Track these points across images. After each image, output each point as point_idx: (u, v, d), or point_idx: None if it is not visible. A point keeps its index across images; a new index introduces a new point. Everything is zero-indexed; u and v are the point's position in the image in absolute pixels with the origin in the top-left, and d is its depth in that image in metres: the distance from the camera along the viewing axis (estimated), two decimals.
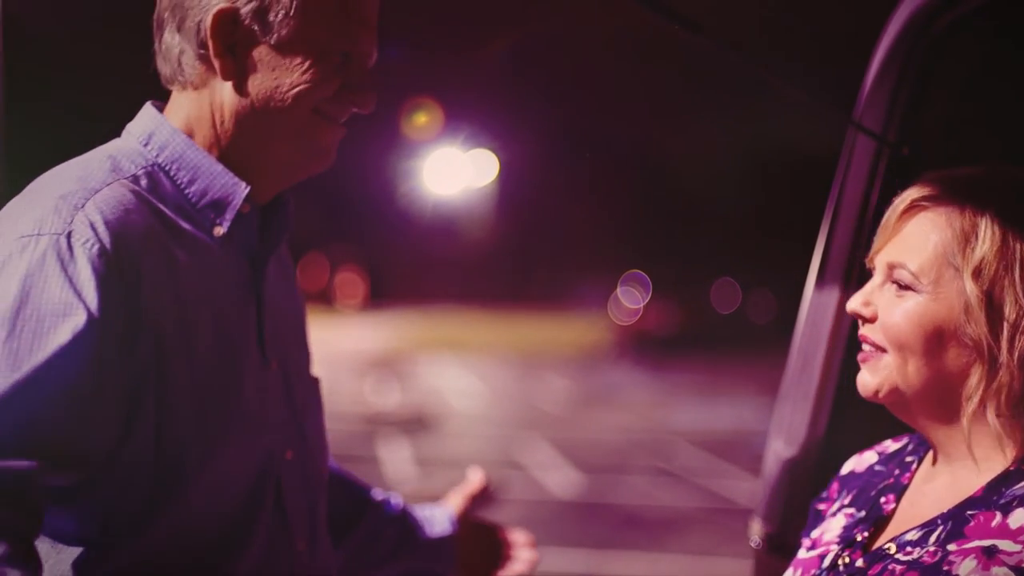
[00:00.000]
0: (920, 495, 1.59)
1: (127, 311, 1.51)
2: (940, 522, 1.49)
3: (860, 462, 1.77)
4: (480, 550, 2.16)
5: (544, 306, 38.38)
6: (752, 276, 32.36)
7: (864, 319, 1.57)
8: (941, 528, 1.48)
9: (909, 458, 1.68)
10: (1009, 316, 1.47)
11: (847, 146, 2.26)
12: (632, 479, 11.40)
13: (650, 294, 31.13)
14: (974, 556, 1.43)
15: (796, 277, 2.52)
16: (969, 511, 1.48)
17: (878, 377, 1.54)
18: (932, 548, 1.47)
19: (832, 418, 2.20)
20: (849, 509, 1.68)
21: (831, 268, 2.25)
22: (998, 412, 1.48)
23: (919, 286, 1.51)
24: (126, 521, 1.55)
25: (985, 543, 1.43)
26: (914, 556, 1.47)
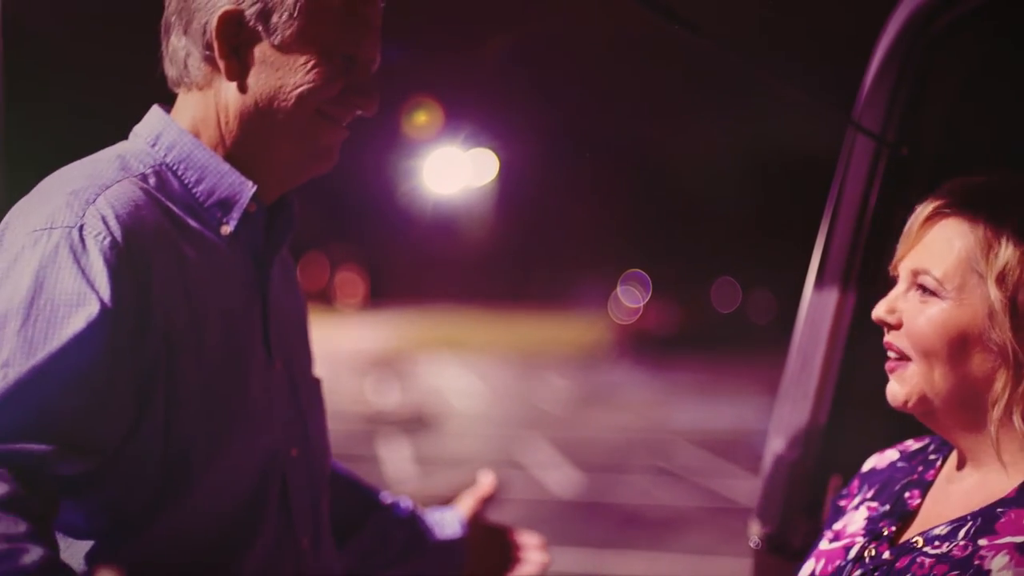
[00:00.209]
0: (945, 494, 1.60)
1: (139, 303, 1.52)
2: (970, 519, 1.50)
3: (881, 459, 1.78)
4: (490, 553, 2.17)
5: (544, 306, 38.33)
6: (752, 276, 32.31)
7: (889, 326, 1.58)
8: (971, 524, 1.49)
9: (933, 456, 1.69)
10: None
11: (846, 146, 2.26)
12: (632, 478, 11.40)
13: (650, 293, 31.09)
14: (1007, 552, 1.43)
15: (796, 277, 2.52)
16: (1000, 508, 1.49)
17: (907, 387, 1.55)
18: (962, 543, 1.47)
19: (831, 418, 2.21)
20: (872, 503, 1.69)
21: (830, 268, 2.25)
22: None
23: (943, 292, 1.52)
24: (135, 516, 1.56)
25: (1018, 539, 1.44)
26: (943, 550, 1.48)
